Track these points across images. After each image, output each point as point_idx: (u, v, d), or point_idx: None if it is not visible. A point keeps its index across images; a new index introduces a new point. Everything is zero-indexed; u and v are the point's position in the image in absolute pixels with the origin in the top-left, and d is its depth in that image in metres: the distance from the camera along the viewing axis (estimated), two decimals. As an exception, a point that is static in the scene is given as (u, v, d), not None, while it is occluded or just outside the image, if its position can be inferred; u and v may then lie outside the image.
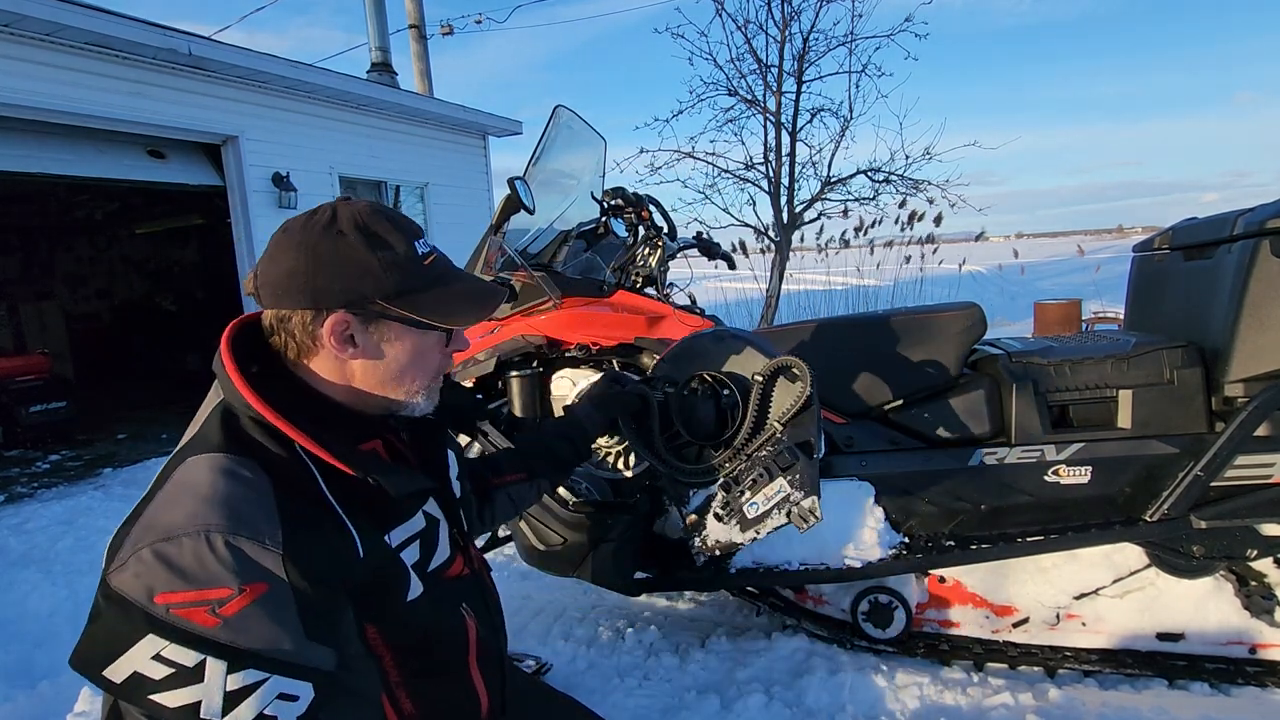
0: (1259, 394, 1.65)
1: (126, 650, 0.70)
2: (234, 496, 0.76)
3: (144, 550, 0.73)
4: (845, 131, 7.17)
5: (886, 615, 1.92)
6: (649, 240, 2.09)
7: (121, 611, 0.72)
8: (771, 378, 1.54)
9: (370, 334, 0.89)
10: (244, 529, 0.74)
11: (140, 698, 0.70)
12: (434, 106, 7.57)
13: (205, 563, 0.72)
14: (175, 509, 0.75)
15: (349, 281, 0.86)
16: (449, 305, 0.92)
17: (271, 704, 0.72)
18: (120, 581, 0.74)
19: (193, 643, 0.70)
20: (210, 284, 9.39)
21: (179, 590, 0.71)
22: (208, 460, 0.79)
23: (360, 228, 0.87)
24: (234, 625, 0.71)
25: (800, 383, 1.49)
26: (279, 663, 0.73)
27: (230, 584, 0.72)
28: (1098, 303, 8.03)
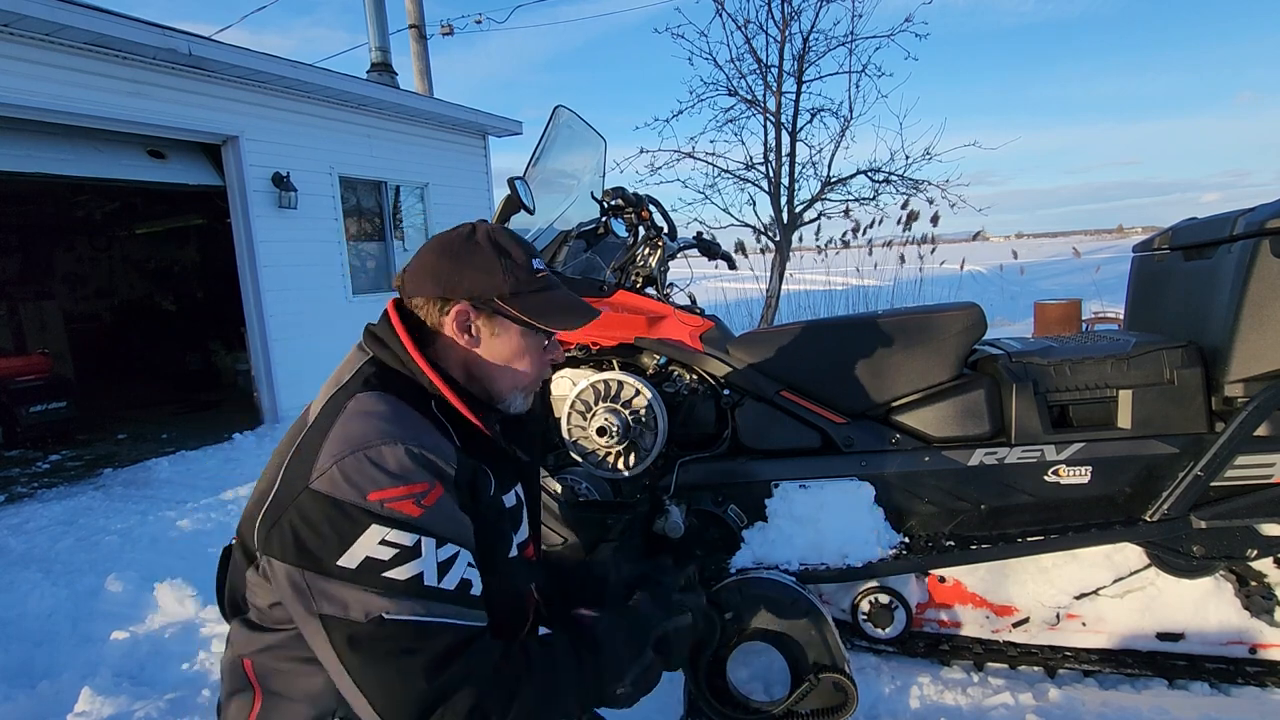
0: (1259, 394, 1.65)
1: (356, 539, 0.86)
2: (411, 421, 0.95)
3: (347, 459, 0.88)
4: (845, 131, 7.19)
5: (886, 615, 1.92)
6: (649, 240, 2.09)
7: (340, 511, 0.87)
8: (818, 677, 1.55)
9: (484, 326, 1.06)
10: (425, 443, 0.92)
11: (375, 578, 0.85)
12: (434, 106, 7.57)
13: (405, 464, 0.89)
14: (365, 427, 0.92)
15: (475, 278, 1.04)
16: (549, 310, 1.08)
17: (465, 570, 0.92)
18: (328, 487, 0.88)
19: (409, 527, 0.87)
20: (210, 284, 9.39)
21: (388, 488, 0.87)
22: (378, 396, 0.97)
23: (491, 239, 1.06)
24: (434, 511, 0.89)
25: (845, 705, 1.53)
26: (465, 540, 0.93)
27: (426, 480, 0.90)
28: (1098, 303, 8.03)
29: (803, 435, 1.93)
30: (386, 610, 0.85)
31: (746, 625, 1.67)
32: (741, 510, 1.94)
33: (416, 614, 0.85)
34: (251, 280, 5.79)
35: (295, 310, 6.02)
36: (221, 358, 8.53)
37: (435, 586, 0.87)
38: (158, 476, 4.66)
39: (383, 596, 0.85)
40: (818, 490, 1.88)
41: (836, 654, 1.59)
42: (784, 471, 1.91)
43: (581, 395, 1.96)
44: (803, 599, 1.67)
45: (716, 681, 1.68)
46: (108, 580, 2.76)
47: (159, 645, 2.31)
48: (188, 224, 9.09)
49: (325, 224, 6.39)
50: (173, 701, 1.96)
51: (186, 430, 6.17)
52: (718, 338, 2.02)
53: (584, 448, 1.97)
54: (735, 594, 1.69)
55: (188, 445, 5.43)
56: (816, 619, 1.63)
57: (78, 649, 2.37)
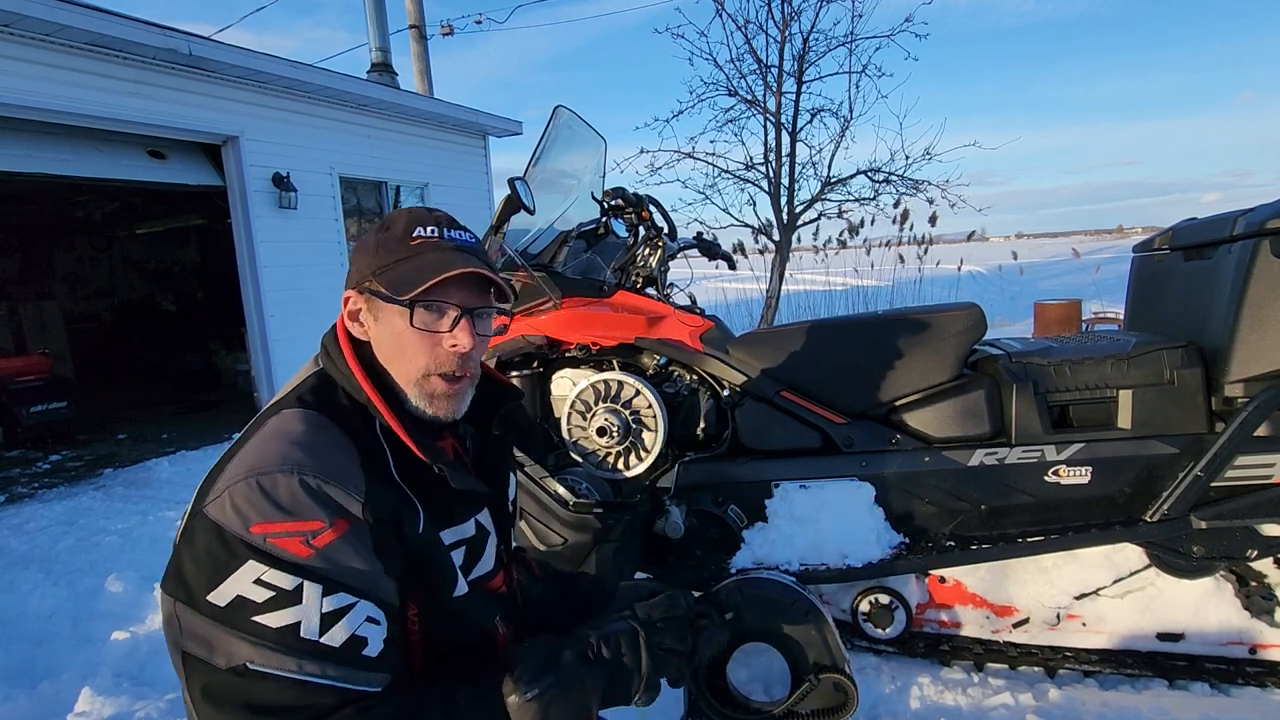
0: (1259, 394, 1.65)
1: (229, 575, 0.76)
2: (325, 447, 0.84)
3: (239, 484, 0.79)
4: (845, 132, 7.18)
5: (887, 615, 1.92)
6: (649, 240, 2.09)
7: (220, 541, 0.78)
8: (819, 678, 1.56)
9: (366, 312, 0.96)
10: (333, 475, 0.82)
11: (243, 619, 0.75)
12: (434, 106, 7.57)
13: (298, 498, 0.79)
14: (270, 451, 0.83)
15: (359, 262, 0.96)
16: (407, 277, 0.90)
17: (360, 626, 0.80)
18: (217, 513, 0.79)
19: (290, 569, 0.77)
20: (210, 284, 9.39)
21: (275, 521, 0.78)
22: (300, 414, 0.87)
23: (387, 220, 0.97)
24: (325, 554, 0.78)
25: (845, 706, 1.52)
26: (363, 590, 0.81)
27: (321, 518, 0.79)
28: (1098, 303, 8.02)
29: (803, 435, 1.93)
30: (251, 660, 0.74)
31: (746, 625, 1.67)
32: (741, 510, 1.94)
33: (285, 669, 0.75)
34: (251, 280, 5.79)
35: (295, 310, 6.01)
36: (221, 358, 8.54)
37: (314, 641, 0.76)
38: (158, 476, 4.66)
39: (249, 644, 0.75)
40: (818, 490, 1.88)
41: (836, 654, 1.59)
42: (784, 471, 1.91)
43: (581, 395, 1.96)
44: (803, 599, 1.67)
45: (716, 682, 1.68)
46: (108, 580, 2.76)
47: (159, 645, 2.31)
48: (188, 224, 9.09)
49: (325, 224, 6.39)
50: (173, 701, 1.96)
51: (187, 430, 6.17)
52: (718, 338, 2.02)
53: (584, 448, 1.97)
54: (735, 594, 1.69)
55: (188, 445, 5.43)
56: (816, 619, 1.63)
57: (78, 649, 2.37)
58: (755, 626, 1.66)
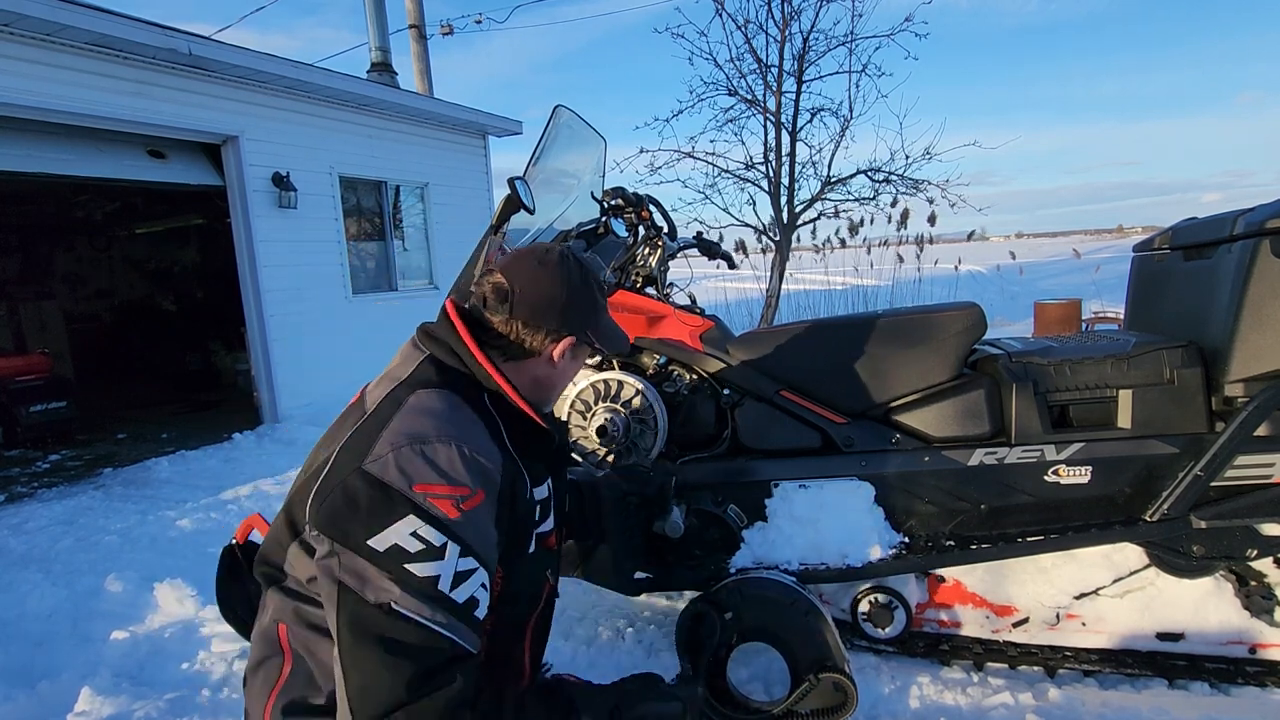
0: (1259, 394, 1.65)
1: (391, 524, 0.89)
2: (468, 424, 1.00)
3: (404, 449, 0.93)
4: (845, 131, 7.18)
5: (886, 615, 1.92)
6: (649, 240, 2.09)
7: (384, 495, 0.91)
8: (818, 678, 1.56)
9: (574, 354, 1.19)
10: (479, 448, 0.97)
11: (396, 565, 0.88)
12: (434, 106, 7.57)
13: (455, 464, 0.94)
14: (425, 421, 0.96)
15: (587, 316, 1.18)
16: (611, 334, 1.25)
17: (477, 589, 0.94)
18: (380, 471, 0.92)
19: (441, 527, 0.91)
20: (210, 284, 9.39)
21: (435, 483, 0.92)
22: (438, 393, 1.02)
23: (594, 279, 1.21)
24: (468, 518, 0.93)
25: (845, 705, 1.55)
26: (484, 558, 0.96)
27: (471, 485, 0.94)
28: (1098, 303, 8.02)
29: (803, 435, 1.93)
30: (395, 601, 0.87)
31: (746, 625, 1.67)
32: (741, 510, 1.94)
33: (422, 615, 0.87)
34: (251, 280, 5.79)
35: (295, 310, 6.02)
36: (221, 358, 8.53)
37: (446, 594, 0.89)
38: (158, 476, 4.66)
39: (398, 586, 0.87)
40: (818, 490, 1.88)
41: (836, 654, 1.59)
42: (784, 471, 1.91)
43: (581, 395, 1.96)
44: (803, 599, 1.67)
45: (716, 681, 1.68)
46: (108, 580, 2.76)
47: (159, 645, 2.31)
48: (188, 224, 9.08)
49: (325, 224, 6.39)
50: (173, 701, 1.96)
51: (186, 430, 6.17)
52: (718, 338, 2.02)
53: (584, 448, 1.97)
54: (735, 594, 1.69)
55: (188, 445, 5.43)
56: (816, 619, 1.63)
57: (78, 649, 2.37)
58: (755, 626, 1.66)
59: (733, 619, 1.66)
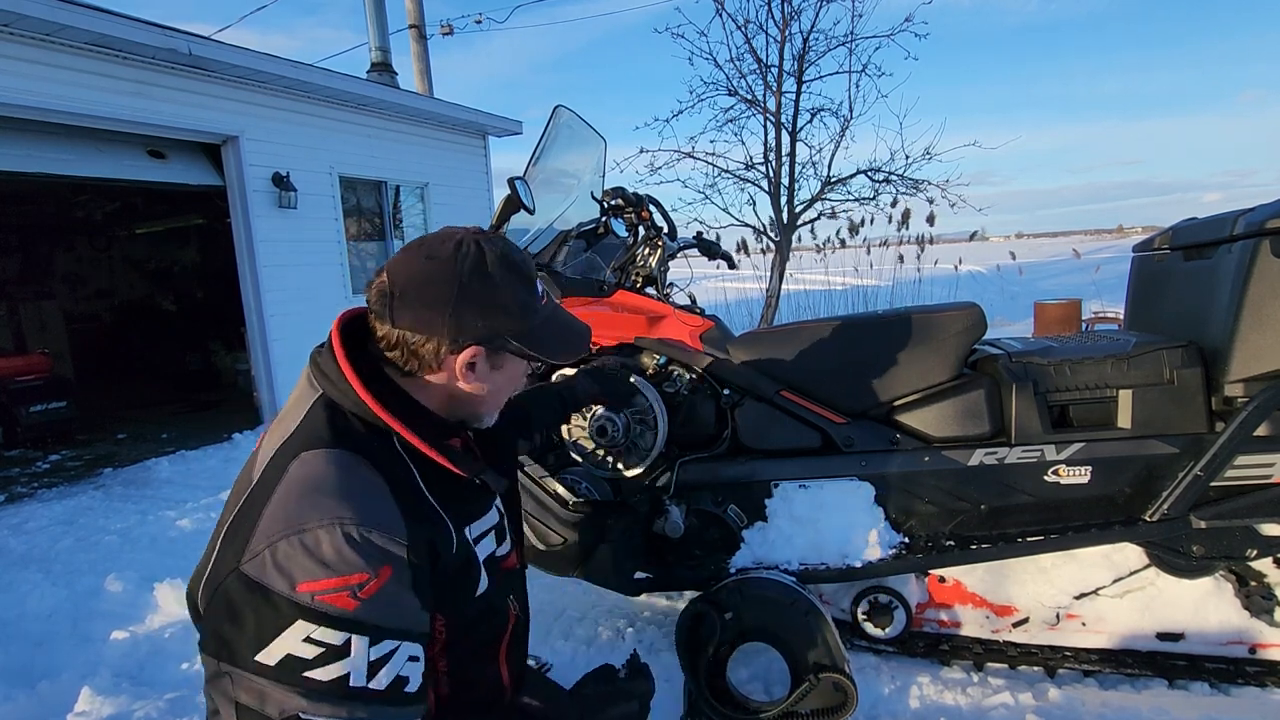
0: (1259, 394, 1.65)
1: (278, 636, 0.78)
2: (358, 491, 0.84)
3: (279, 543, 0.79)
4: (845, 131, 7.18)
5: (886, 615, 1.92)
6: (649, 240, 2.09)
7: (266, 601, 0.79)
8: (818, 678, 1.57)
9: (489, 365, 0.98)
10: (374, 522, 0.82)
11: (295, 677, 0.78)
12: (434, 106, 7.57)
13: (343, 552, 0.79)
14: (303, 503, 0.82)
15: (492, 320, 0.94)
16: (554, 342, 1.03)
17: (403, 666, 0.84)
18: (258, 572, 0.79)
19: (339, 624, 0.79)
20: (210, 284, 9.39)
21: (321, 579, 0.78)
22: (324, 455, 0.86)
23: (505, 267, 0.96)
24: (371, 605, 0.80)
25: (845, 705, 1.55)
26: (406, 632, 0.85)
27: (366, 570, 0.80)
28: (1098, 303, 8.02)
29: (803, 435, 1.93)
30: (303, 710, 0.78)
31: (746, 625, 1.67)
32: (741, 510, 1.94)
33: (336, 716, 0.79)
34: (251, 280, 5.79)
35: (295, 310, 6.02)
36: (221, 358, 8.53)
37: (363, 687, 0.80)
38: (158, 476, 4.66)
39: (301, 696, 0.78)
40: (818, 490, 1.88)
41: (836, 654, 1.59)
42: (784, 471, 1.91)
43: (581, 395, 1.96)
44: (802, 599, 1.67)
45: (716, 681, 1.68)
46: (107, 580, 2.76)
47: (159, 645, 2.31)
48: (188, 224, 9.08)
49: (325, 224, 6.39)
50: (173, 701, 1.96)
51: (186, 430, 6.17)
52: (718, 338, 2.02)
53: (584, 448, 1.97)
54: (735, 594, 1.69)
55: (188, 445, 5.43)
56: (816, 619, 1.63)
57: (78, 649, 2.37)
58: (755, 626, 1.66)
59: (733, 619, 1.66)
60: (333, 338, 0.94)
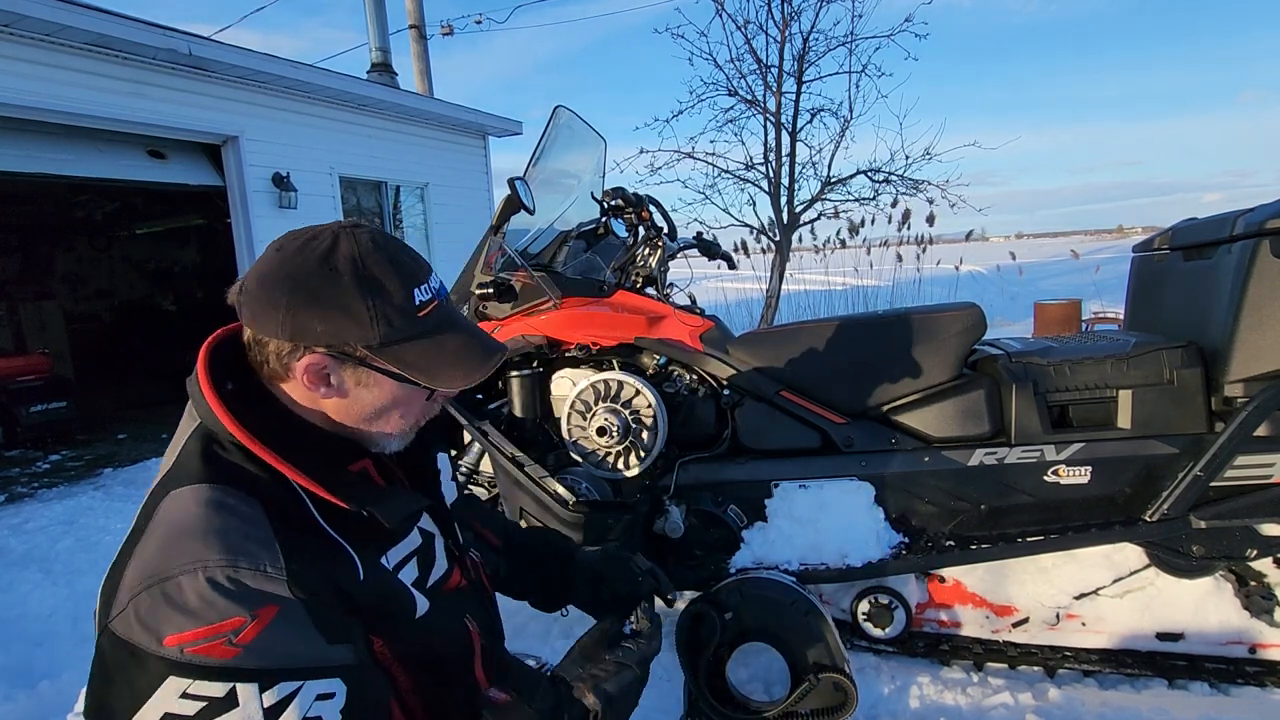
0: (1259, 394, 1.65)
1: (150, 696, 0.70)
2: (226, 528, 0.74)
3: (141, 595, 0.72)
4: (845, 132, 7.18)
5: (886, 615, 1.92)
6: (649, 240, 2.09)
7: (133, 659, 0.72)
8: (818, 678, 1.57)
9: (346, 377, 0.84)
10: (242, 559, 0.73)
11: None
12: (434, 106, 7.57)
13: (209, 599, 0.71)
14: (166, 549, 0.74)
15: (333, 325, 0.80)
16: (436, 363, 0.85)
17: (312, 706, 0.73)
18: (124, 629, 0.73)
19: (217, 675, 0.70)
20: (210, 284, 9.40)
21: (188, 629, 0.70)
22: (192, 493, 0.77)
23: (357, 268, 0.81)
24: (254, 649, 0.71)
25: (845, 705, 1.54)
26: (307, 669, 0.74)
27: (240, 614, 0.71)
28: (1098, 303, 8.02)
29: (803, 435, 1.93)
30: None
31: (746, 625, 1.67)
32: (741, 510, 1.94)
33: None
34: (251, 280, 5.79)
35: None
36: (221, 358, 8.52)
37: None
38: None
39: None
40: (818, 490, 1.88)
41: (836, 654, 1.59)
42: (784, 471, 1.91)
43: (581, 395, 1.96)
44: (803, 599, 1.67)
45: (716, 681, 1.68)
46: (108, 580, 2.76)
47: (159, 645, 2.31)
48: (188, 224, 9.08)
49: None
50: (173, 701, 1.96)
51: (186, 430, 6.17)
52: (718, 338, 2.02)
53: (584, 448, 1.97)
54: (735, 594, 1.69)
55: (188, 445, 5.43)
56: (816, 619, 1.63)
57: (78, 649, 2.37)
58: (755, 626, 1.66)
59: (733, 619, 1.66)
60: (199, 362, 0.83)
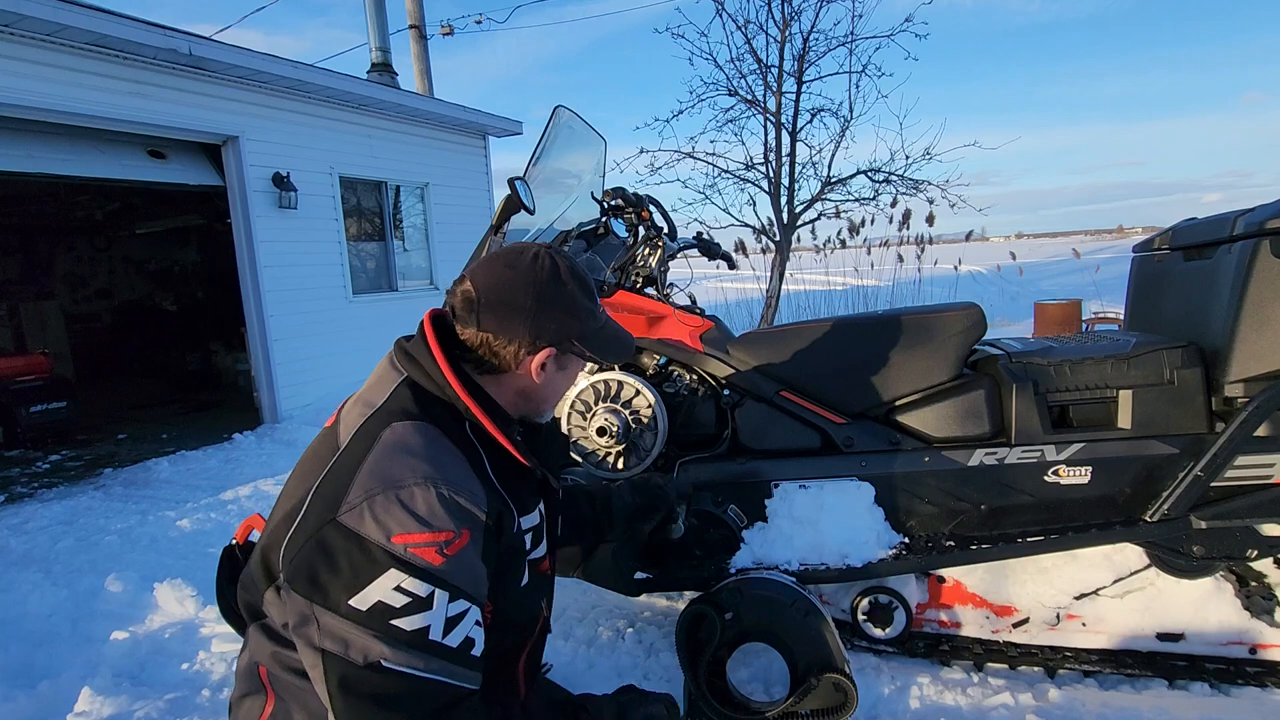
0: (1259, 394, 1.65)
1: (372, 581, 0.84)
2: (446, 459, 0.93)
3: (378, 497, 0.86)
4: (845, 132, 7.18)
5: (886, 615, 1.92)
6: (649, 240, 2.09)
7: (362, 550, 0.85)
8: (818, 678, 1.57)
9: (557, 365, 1.09)
10: (461, 486, 0.90)
11: (382, 623, 0.84)
12: (434, 106, 7.57)
13: (435, 509, 0.87)
14: (398, 463, 0.90)
15: (564, 324, 1.05)
16: (610, 344, 1.14)
17: (471, 628, 0.90)
18: (356, 523, 0.86)
19: (426, 577, 0.85)
20: (210, 284, 9.39)
21: (415, 532, 0.86)
22: (414, 426, 0.94)
23: (574, 280, 1.07)
24: (454, 562, 0.87)
25: (845, 705, 1.55)
26: (477, 596, 0.91)
27: (455, 527, 0.88)
28: (1098, 303, 8.02)
29: (803, 435, 1.93)
30: (385, 658, 0.83)
31: (746, 625, 1.67)
32: (741, 510, 1.94)
33: (414, 667, 0.84)
34: (252, 280, 5.79)
35: (295, 310, 6.01)
36: (221, 358, 8.53)
37: (439, 642, 0.86)
38: (158, 476, 4.66)
39: (385, 643, 0.83)
40: (818, 490, 1.88)
41: (836, 654, 1.59)
42: (784, 471, 1.91)
43: (581, 395, 1.96)
44: (803, 599, 1.67)
45: (716, 682, 1.68)
46: (108, 580, 2.76)
47: (159, 645, 2.31)
48: (188, 224, 9.08)
49: (325, 224, 6.39)
50: (173, 701, 1.96)
51: (186, 430, 6.17)
52: (718, 338, 2.02)
53: (584, 448, 1.97)
54: (735, 594, 1.69)
55: (188, 445, 5.43)
56: (816, 619, 1.63)
57: (78, 649, 2.37)
58: (755, 626, 1.66)
59: (733, 619, 1.66)
60: (426, 330, 1.04)
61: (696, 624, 1.68)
